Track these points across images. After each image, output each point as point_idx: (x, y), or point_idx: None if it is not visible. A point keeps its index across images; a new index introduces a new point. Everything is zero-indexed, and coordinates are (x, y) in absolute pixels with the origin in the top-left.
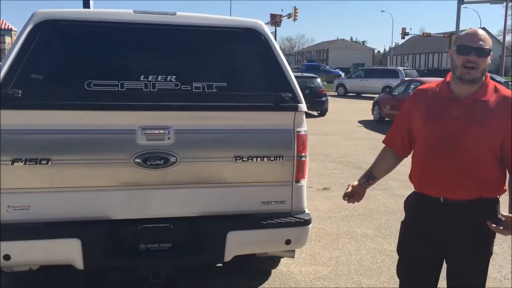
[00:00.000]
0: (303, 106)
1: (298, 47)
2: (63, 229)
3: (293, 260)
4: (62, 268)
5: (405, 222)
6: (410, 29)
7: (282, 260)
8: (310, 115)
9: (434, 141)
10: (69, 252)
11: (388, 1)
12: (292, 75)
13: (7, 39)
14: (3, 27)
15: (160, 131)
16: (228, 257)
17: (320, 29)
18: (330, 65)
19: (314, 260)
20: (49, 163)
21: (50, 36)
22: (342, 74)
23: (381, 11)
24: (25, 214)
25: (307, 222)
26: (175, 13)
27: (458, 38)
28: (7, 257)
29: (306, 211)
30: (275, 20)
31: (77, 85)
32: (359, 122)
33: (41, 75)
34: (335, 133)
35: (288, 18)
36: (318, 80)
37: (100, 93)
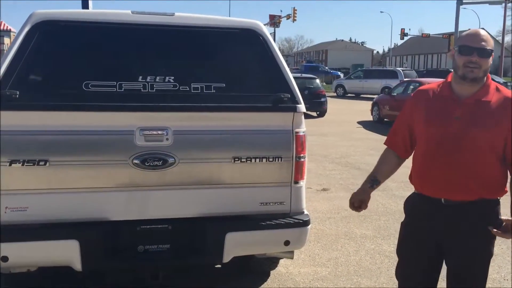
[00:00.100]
0: (301, 106)
1: (297, 48)
2: (61, 231)
3: (292, 261)
4: (60, 269)
5: (405, 223)
6: (409, 29)
7: (281, 261)
8: (309, 116)
9: (436, 142)
10: (67, 253)
11: (387, 1)
12: (291, 76)
13: (6, 40)
14: (2, 28)
15: (159, 132)
16: (226, 258)
17: (319, 30)
18: (329, 66)
19: (313, 261)
20: (47, 164)
21: (48, 37)
22: (341, 75)
23: (380, 11)
24: (23, 215)
25: (306, 223)
26: (173, 13)
27: (460, 38)
28: (4, 259)
29: (305, 212)
30: (274, 21)
31: (75, 86)
32: (358, 123)
33: (39, 76)
34: (334, 134)
35: (287, 19)
36: (317, 81)
37: (98, 94)
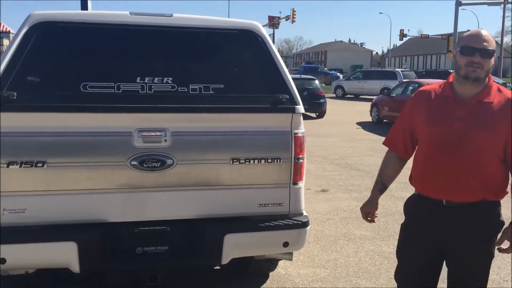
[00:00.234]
0: (300, 107)
1: (296, 49)
2: (59, 232)
3: (291, 263)
4: (58, 270)
5: (405, 225)
6: (408, 30)
7: (280, 262)
8: (308, 117)
9: (437, 142)
10: (65, 255)
11: (386, 2)
12: (290, 77)
13: (5, 41)
14: (1, 29)
15: (157, 133)
16: (225, 260)
17: (318, 31)
18: (328, 67)
19: (312, 262)
20: (45, 166)
21: (46, 38)
22: (340, 76)
23: (379, 13)
24: (20, 217)
25: (305, 225)
26: (172, 14)
27: (462, 39)
28: (2, 261)
29: (304, 213)
30: (273, 22)
31: (73, 87)
32: (357, 124)
33: (36, 77)
34: (334, 135)
35: (286, 20)
36: (316, 82)
37: (96, 95)
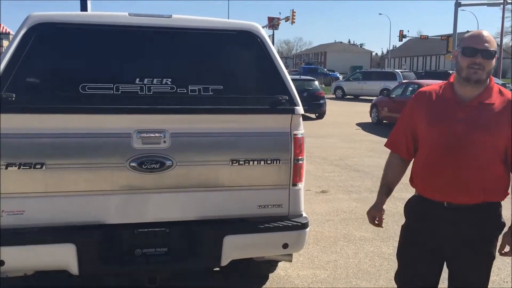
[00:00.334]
0: (299, 108)
1: (296, 50)
2: (57, 234)
3: (291, 264)
4: (57, 272)
5: (405, 226)
6: (407, 31)
7: (279, 264)
8: (308, 118)
9: (439, 144)
10: (64, 257)
11: (386, 3)
12: (289, 78)
13: (5, 43)
14: (1, 31)
15: (156, 135)
16: (224, 262)
17: (318, 32)
18: (328, 67)
19: (312, 263)
20: (44, 167)
21: (45, 39)
22: (340, 76)
23: (379, 13)
24: (19, 219)
25: (304, 226)
26: (171, 15)
27: (463, 39)
28: (1, 263)
29: (304, 215)
30: (272, 23)
31: (72, 89)
32: (357, 125)
33: (35, 79)
34: (333, 136)
35: (285, 21)
36: (316, 82)
37: (95, 97)
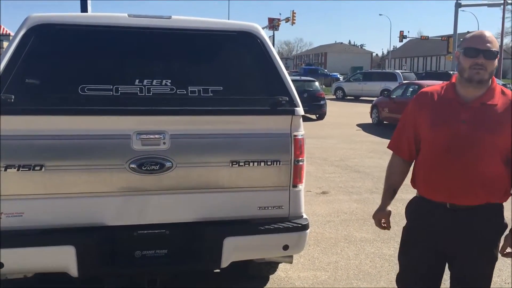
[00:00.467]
0: (300, 109)
1: (296, 51)
2: (57, 236)
3: (291, 265)
4: (57, 274)
5: (407, 228)
6: (408, 32)
7: (280, 265)
8: (308, 119)
9: (442, 146)
10: (64, 259)
11: (386, 4)
12: (289, 79)
13: (5, 44)
14: (2, 32)
15: (156, 136)
16: (225, 263)
17: (318, 33)
18: (328, 68)
19: (312, 265)
20: (43, 169)
21: (44, 40)
22: (340, 77)
23: (379, 14)
24: (18, 221)
25: (304, 227)
26: (170, 16)
27: (465, 40)
28: (0, 265)
29: (304, 216)
30: (273, 24)
31: (71, 90)
32: (357, 126)
33: (34, 80)
34: (334, 137)
35: (286, 22)
36: (316, 83)
37: (95, 98)
